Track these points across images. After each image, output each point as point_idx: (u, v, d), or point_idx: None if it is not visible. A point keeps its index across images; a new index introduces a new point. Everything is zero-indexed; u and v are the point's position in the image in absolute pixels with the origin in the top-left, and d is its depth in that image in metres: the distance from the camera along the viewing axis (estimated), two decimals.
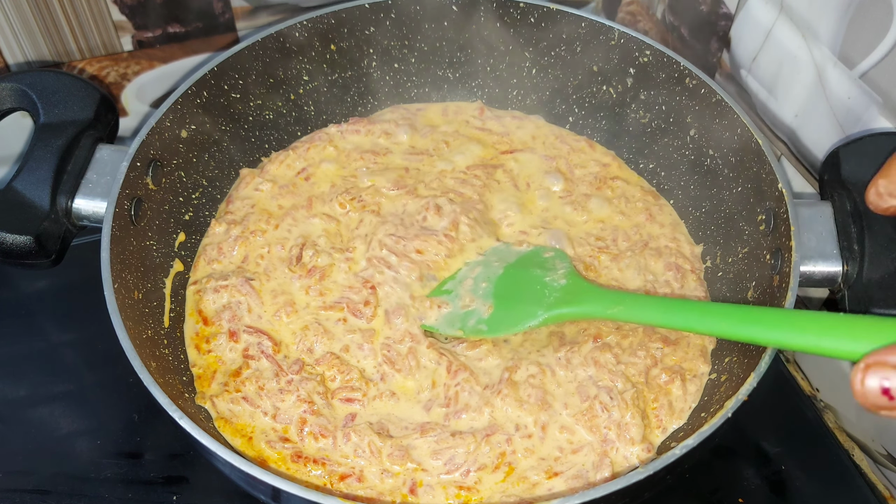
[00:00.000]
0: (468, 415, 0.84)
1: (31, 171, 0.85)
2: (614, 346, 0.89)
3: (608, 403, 0.84)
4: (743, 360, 0.82)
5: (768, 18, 1.00)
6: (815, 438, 0.97)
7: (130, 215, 0.87)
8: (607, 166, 1.10)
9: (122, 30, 1.12)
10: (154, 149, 0.91)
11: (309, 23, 1.04)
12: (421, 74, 1.15)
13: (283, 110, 1.09)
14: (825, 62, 0.92)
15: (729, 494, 0.90)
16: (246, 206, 1.02)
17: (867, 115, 0.88)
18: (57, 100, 0.89)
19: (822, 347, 0.65)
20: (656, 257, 0.98)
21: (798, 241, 0.81)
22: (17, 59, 1.09)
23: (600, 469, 0.81)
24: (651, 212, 1.04)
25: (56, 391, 0.98)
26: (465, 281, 0.95)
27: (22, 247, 0.82)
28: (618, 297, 0.85)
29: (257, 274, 0.95)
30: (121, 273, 0.82)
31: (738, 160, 0.94)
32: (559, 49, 1.09)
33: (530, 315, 0.88)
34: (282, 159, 1.07)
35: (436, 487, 0.80)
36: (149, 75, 1.18)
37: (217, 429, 0.83)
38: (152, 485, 0.89)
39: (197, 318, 0.92)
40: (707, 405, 0.84)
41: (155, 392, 0.72)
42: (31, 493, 0.88)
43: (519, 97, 1.16)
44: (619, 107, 1.09)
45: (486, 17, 1.09)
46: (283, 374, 0.87)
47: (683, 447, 0.70)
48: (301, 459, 0.81)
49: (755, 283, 0.89)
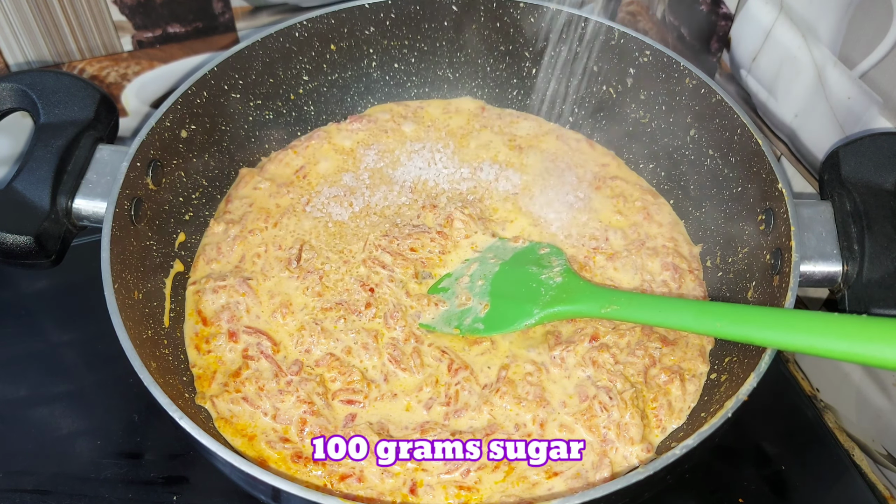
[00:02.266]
0: (468, 414, 0.85)
1: (31, 171, 0.84)
2: (612, 346, 0.89)
3: (607, 403, 0.84)
4: (743, 360, 0.82)
5: (768, 18, 1.00)
6: (815, 438, 0.97)
7: (130, 215, 0.87)
8: (607, 166, 1.10)
9: (122, 30, 1.12)
10: (154, 149, 0.91)
11: (309, 23, 1.04)
12: (421, 74, 1.15)
13: (283, 110, 1.09)
14: (825, 62, 0.92)
15: (729, 494, 0.91)
16: (244, 206, 1.02)
17: (867, 115, 0.88)
18: (57, 100, 0.89)
19: (821, 348, 0.65)
20: (653, 257, 0.98)
21: (798, 241, 0.81)
22: (17, 59, 1.09)
23: (600, 469, 0.81)
24: (649, 211, 1.04)
25: (56, 391, 0.98)
26: (461, 279, 0.95)
27: (22, 247, 0.82)
28: (613, 295, 0.85)
29: (255, 273, 0.95)
30: (121, 273, 0.82)
31: (738, 160, 0.94)
32: (559, 49, 1.09)
33: (526, 314, 0.88)
34: (280, 158, 1.07)
35: (436, 487, 0.80)
36: (149, 75, 1.18)
37: (217, 429, 0.83)
38: (152, 485, 0.89)
39: (196, 318, 0.92)
40: (707, 405, 0.84)
41: (155, 392, 0.72)
42: (32, 493, 0.88)
43: (519, 97, 1.16)
44: (619, 107, 1.09)
45: (486, 17, 1.09)
46: (283, 374, 0.87)
47: (683, 447, 0.70)
48: (301, 460, 0.81)
49: (755, 283, 0.89)
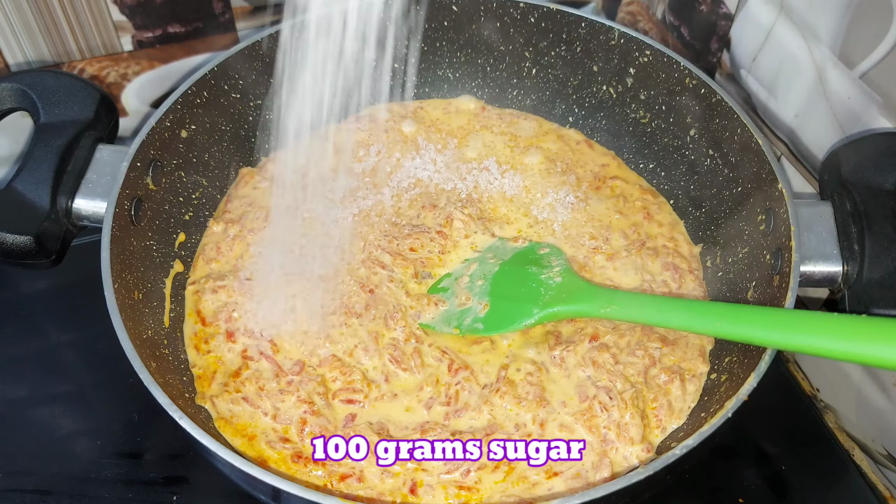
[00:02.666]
0: (468, 414, 0.85)
1: (31, 171, 0.84)
2: (612, 346, 0.89)
3: (607, 403, 0.84)
4: (743, 360, 0.82)
5: (768, 18, 1.00)
6: (815, 438, 0.97)
7: (130, 215, 0.87)
8: (606, 166, 1.10)
9: (122, 30, 1.12)
10: (154, 149, 0.91)
11: None
12: (421, 74, 1.15)
13: None
14: (825, 62, 0.92)
15: (729, 494, 0.90)
16: (244, 205, 1.02)
17: (867, 115, 0.88)
18: (57, 100, 0.89)
19: (821, 348, 0.65)
20: (654, 257, 0.98)
21: (798, 241, 0.81)
22: (17, 59, 1.09)
23: (600, 469, 0.81)
24: (649, 210, 1.04)
25: (56, 391, 0.98)
26: (461, 278, 0.95)
27: (22, 247, 0.82)
28: (613, 295, 0.85)
29: (254, 273, 0.95)
30: (121, 273, 0.82)
31: (738, 160, 0.94)
32: (559, 49, 1.09)
33: (525, 314, 0.88)
34: (280, 157, 1.07)
35: (436, 487, 0.80)
36: (149, 75, 1.18)
37: (217, 429, 0.83)
38: (152, 485, 0.89)
39: (196, 318, 0.92)
40: (707, 405, 0.84)
41: (155, 392, 0.72)
42: (32, 493, 0.88)
43: (519, 97, 1.16)
44: (619, 107, 1.09)
45: (486, 17, 1.09)
46: (283, 374, 0.87)
47: (683, 447, 0.70)
48: (301, 460, 0.81)
49: (755, 283, 0.89)
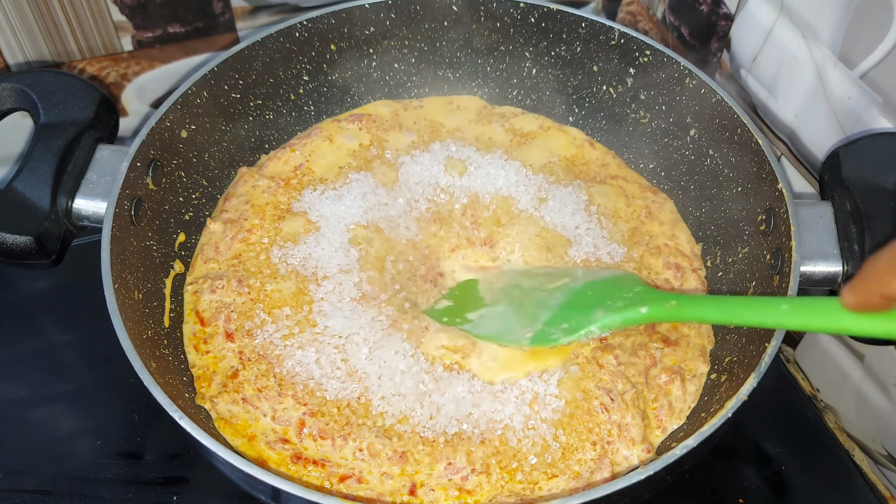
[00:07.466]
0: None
1: (31, 172, 0.84)
2: (616, 347, 0.88)
3: (608, 404, 0.84)
4: (743, 360, 0.82)
5: (768, 18, 1.00)
6: (815, 438, 0.97)
7: (130, 215, 0.87)
8: (606, 166, 1.09)
9: (122, 30, 1.12)
10: (154, 149, 0.91)
11: (309, 23, 1.04)
12: (421, 74, 1.15)
13: (283, 110, 1.09)
14: (825, 62, 0.92)
15: (729, 494, 0.91)
16: (242, 204, 1.01)
17: (867, 115, 0.88)
18: (57, 100, 0.89)
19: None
20: (655, 255, 0.98)
21: (798, 241, 0.81)
22: (17, 59, 1.09)
23: (600, 469, 0.80)
24: (651, 209, 1.03)
25: (56, 391, 0.98)
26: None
27: (22, 247, 0.82)
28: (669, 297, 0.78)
29: (252, 273, 0.94)
30: (121, 273, 0.82)
31: (738, 160, 0.94)
32: (559, 49, 1.09)
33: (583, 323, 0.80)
34: (279, 156, 1.06)
35: (436, 488, 0.79)
36: (149, 75, 1.18)
37: (217, 429, 0.83)
38: (152, 485, 0.89)
39: (195, 318, 0.92)
40: (707, 405, 0.84)
41: (155, 392, 0.72)
42: (32, 493, 0.88)
43: (519, 97, 1.16)
44: (619, 107, 1.09)
45: (486, 17, 1.09)
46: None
47: (684, 447, 0.70)
48: (301, 461, 0.81)
49: (755, 283, 0.89)
